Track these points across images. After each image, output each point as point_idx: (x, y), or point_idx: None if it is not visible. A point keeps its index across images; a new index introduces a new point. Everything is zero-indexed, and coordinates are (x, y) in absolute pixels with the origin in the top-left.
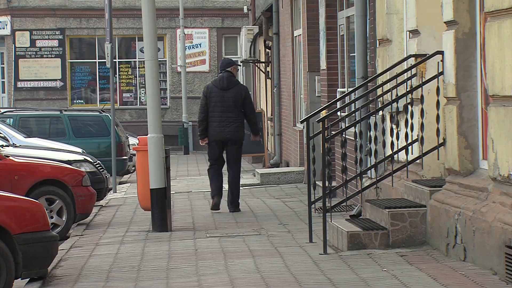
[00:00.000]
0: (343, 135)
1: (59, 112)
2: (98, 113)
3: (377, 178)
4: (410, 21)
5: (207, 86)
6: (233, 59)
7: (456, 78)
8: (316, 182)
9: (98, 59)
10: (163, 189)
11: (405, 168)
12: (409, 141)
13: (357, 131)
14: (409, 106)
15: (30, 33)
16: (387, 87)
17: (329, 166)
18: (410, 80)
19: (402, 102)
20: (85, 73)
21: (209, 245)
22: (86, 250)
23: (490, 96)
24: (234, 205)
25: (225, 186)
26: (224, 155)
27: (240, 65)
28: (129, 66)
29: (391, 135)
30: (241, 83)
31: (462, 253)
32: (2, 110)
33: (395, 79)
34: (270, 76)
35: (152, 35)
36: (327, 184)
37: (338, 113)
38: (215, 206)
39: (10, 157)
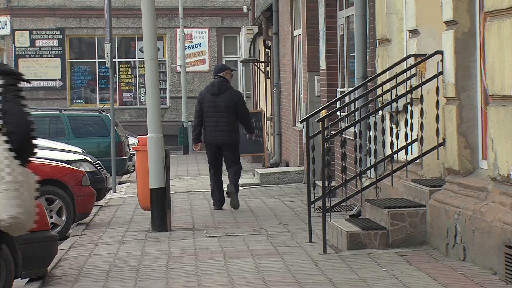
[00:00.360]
0: (343, 135)
1: (58, 112)
2: (97, 113)
3: (377, 178)
4: (409, 21)
5: (200, 92)
6: (228, 64)
7: (456, 78)
8: (316, 182)
9: (98, 59)
10: (162, 189)
11: (405, 168)
12: (409, 141)
13: (356, 131)
14: (409, 106)
15: (29, 33)
16: (386, 87)
17: (328, 166)
18: (409, 80)
19: (401, 102)
20: (85, 73)
21: (209, 245)
22: (85, 250)
23: (489, 96)
24: (235, 187)
25: (225, 186)
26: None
27: (235, 70)
28: (128, 66)
29: (391, 135)
30: (234, 88)
31: (461, 253)
32: None
33: (395, 79)
34: (269, 76)
35: (152, 35)
36: (326, 184)
37: (338, 113)
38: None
39: None
